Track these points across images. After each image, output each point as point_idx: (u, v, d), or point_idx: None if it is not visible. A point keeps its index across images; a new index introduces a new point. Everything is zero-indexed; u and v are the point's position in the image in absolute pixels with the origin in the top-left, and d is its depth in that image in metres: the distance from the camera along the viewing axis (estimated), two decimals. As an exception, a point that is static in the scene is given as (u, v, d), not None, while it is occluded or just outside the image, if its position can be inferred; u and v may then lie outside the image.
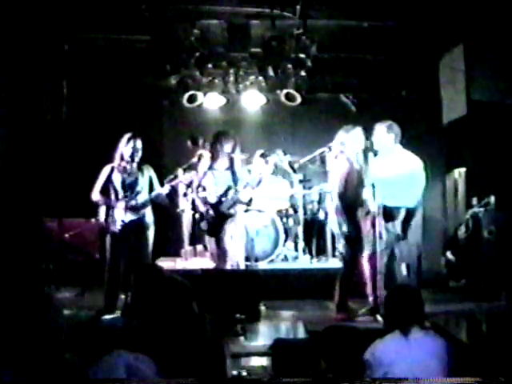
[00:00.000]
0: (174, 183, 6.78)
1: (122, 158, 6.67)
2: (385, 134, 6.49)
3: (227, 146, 7.10)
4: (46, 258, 7.78)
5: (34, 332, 2.53)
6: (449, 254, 8.46)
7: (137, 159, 6.66)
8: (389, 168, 6.41)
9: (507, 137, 7.99)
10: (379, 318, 6.01)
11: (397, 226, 6.39)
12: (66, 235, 7.93)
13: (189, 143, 8.90)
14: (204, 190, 7.17)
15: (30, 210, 8.29)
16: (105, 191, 6.70)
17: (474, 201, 8.29)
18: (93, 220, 7.82)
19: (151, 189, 6.71)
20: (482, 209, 7.99)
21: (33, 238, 7.98)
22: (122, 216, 6.63)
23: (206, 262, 7.70)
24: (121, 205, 6.64)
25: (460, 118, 8.75)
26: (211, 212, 7.05)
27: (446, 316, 6.50)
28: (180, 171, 7.04)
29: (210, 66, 9.29)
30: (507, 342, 4.66)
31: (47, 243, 7.96)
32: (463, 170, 9.09)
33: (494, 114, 8.22)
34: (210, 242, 7.22)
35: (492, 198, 7.91)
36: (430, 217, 8.15)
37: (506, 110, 8.11)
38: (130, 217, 6.64)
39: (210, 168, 7.15)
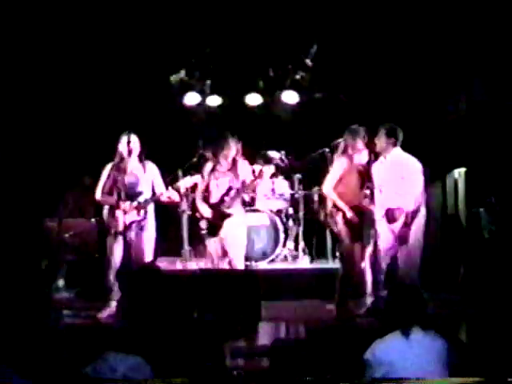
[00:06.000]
0: (178, 188, 6.76)
1: (120, 156, 6.67)
2: (384, 137, 6.49)
3: (231, 147, 7.06)
4: (45, 258, 7.78)
5: (33, 331, 2.53)
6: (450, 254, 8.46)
7: (134, 156, 6.65)
8: (387, 171, 6.43)
9: (507, 137, 8.00)
10: (379, 317, 6.01)
11: (396, 227, 6.39)
12: (66, 235, 7.92)
13: (189, 144, 8.89)
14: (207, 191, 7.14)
15: (30, 211, 8.30)
16: (108, 190, 6.68)
17: (474, 201, 8.28)
18: (93, 220, 7.83)
19: (154, 188, 6.70)
20: (481, 209, 7.99)
21: (33, 238, 7.98)
22: (123, 215, 6.60)
23: (205, 262, 7.69)
24: (123, 204, 6.61)
25: (460, 118, 8.74)
26: (211, 212, 7.03)
27: (446, 316, 6.50)
28: (180, 172, 7.03)
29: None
30: (507, 341, 4.66)
31: (47, 243, 7.96)
32: (463, 170, 9.08)
33: (493, 114, 8.22)
34: (209, 241, 7.21)
35: (492, 198, 7.91)
36: (429, 217, 8.12)
37: (506, 110, 8.12)
38: (132, 216, 6.61)
39: (213, 169, 7.13)
